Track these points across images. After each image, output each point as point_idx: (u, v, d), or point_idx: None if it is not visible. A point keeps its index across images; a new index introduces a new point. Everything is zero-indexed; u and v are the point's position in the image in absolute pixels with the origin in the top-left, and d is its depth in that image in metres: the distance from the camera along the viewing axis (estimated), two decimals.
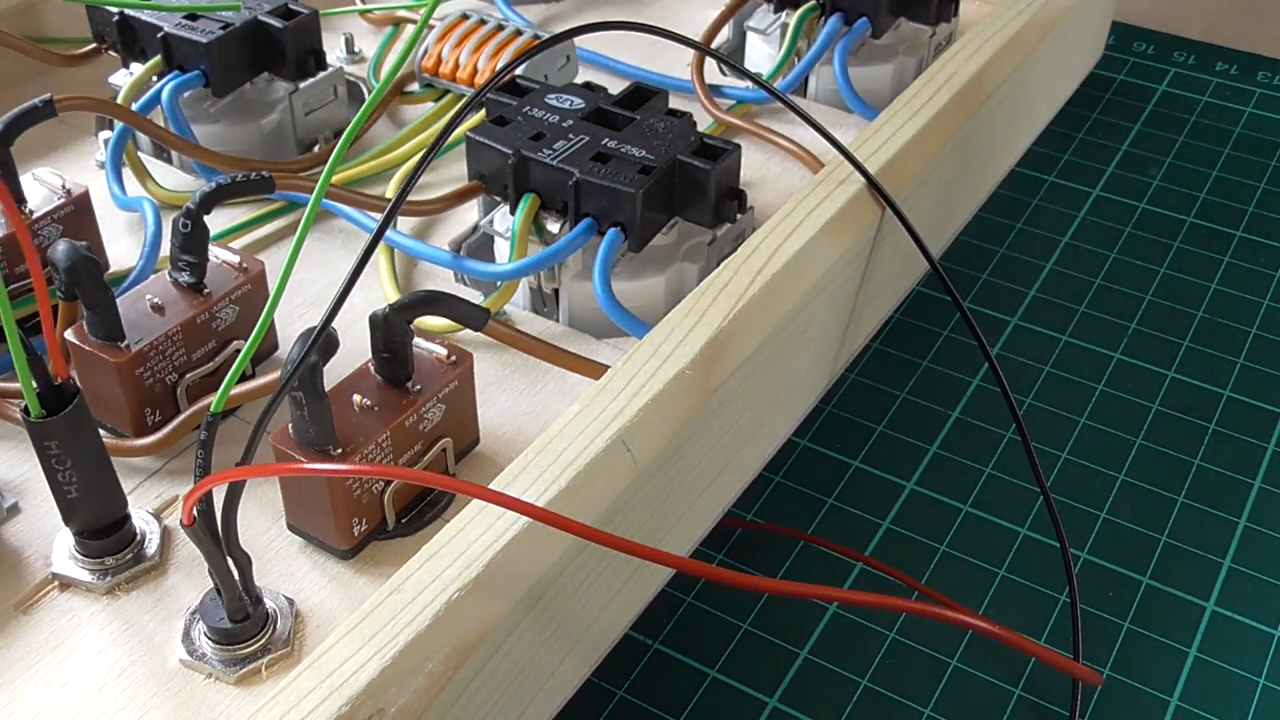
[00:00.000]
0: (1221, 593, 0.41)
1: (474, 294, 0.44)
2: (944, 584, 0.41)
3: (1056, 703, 0.38)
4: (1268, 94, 0.67)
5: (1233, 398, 0.48)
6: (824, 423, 0.47)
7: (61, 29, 0.54)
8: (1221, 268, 0.55)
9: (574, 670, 0.33)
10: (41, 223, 0.40)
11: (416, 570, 0.28)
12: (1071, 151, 0.62)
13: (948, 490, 0.45)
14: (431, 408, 0.34)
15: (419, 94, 0.52)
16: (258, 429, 0.28)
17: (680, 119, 0.44)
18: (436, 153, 0.43)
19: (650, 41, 0.57)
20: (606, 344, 0.41)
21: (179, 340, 0.37)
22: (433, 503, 0.35)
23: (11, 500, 0.35)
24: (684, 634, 0.40)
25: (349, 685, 0.26)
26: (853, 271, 0.41)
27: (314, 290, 0.44)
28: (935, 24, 0.55)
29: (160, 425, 0.37)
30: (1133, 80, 0.68)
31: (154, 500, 0.35)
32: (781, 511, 0.44)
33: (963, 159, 0.48)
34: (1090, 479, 0.45)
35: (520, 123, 0.43)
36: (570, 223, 0.41)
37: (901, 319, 0.50)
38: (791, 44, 0.53)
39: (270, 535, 0.35)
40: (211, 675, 0.31)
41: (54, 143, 0.50)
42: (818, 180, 0.41)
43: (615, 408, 0.32)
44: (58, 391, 0.30)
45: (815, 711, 0.38)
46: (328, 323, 0.29)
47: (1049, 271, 0.55)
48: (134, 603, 0.33)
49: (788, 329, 0.38)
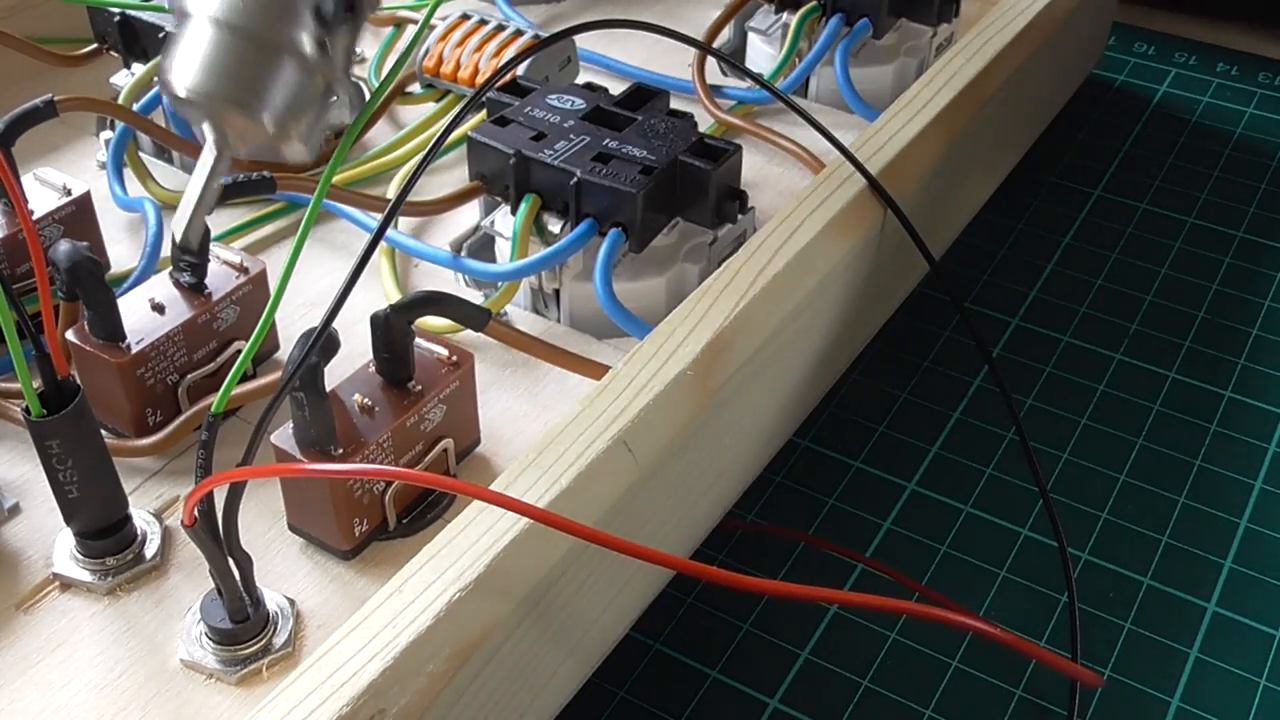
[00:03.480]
0: (1222, 594, 0.41)
1: (474, 294, 0.44)
2: (944, 584, 0.41)
3: (1057, 704, 0.38)
4: (1268, 95, 0.67)
5: (1233, 398, 0.48)
6: (824, 423, 0.47)
7: (62, 29, 0.54)
8: (1222, 268, 0.55)
9: (575, 671, 0.33)
10: (43, 223, 0.40)
11: (417, 571, 0.28)
12: (1072, 152, 0.62)
13: (948, 491, 0.45)
14: (432, 408, 0.34)
15: (420, 94, 0.52)
16: (259, 429, 0.28)
17: (681, 119, 0.44)
18: (437, 153, 0.43)
19: (651, 42, 0.57)
20: (607, 344, 0.41)
21: (180, 340, 0.37)
22: (434, 503, 0.35)
23: (12, 500, 0.35)
24: (685, 635, 0.40)
25: (350, 686, 0.26)
26: (854, 272, 0.41)
27: (315, 290, 0.44)
28: (936, 24, 0.55)
29: (161, 425, 0.37)
30: (1133, 81, 0.68)
31: (155, 501, 0.35)
32: (782, 512, 0.44)
33: (963, 159, 0.48)
34: (1090, 479, 0.45)
35: (521, 123, 0.43)
36: (571, 223, 0.41)
37: (902, 319, 0.50)
38: (793, 44, 0.53)
39: (271, 536, 0.35)
40: (212, 676, 0.31)
41: (55, 143, 0.50)
42: (819, 181, 0.41)
43: (616, 408, 0.32)
44: (59, 390, 0.30)
45: (816, 712, 0.38)
46: (328, 323, 0.29)
47: (1049, 272, 0.55)
48: (135, 603, 0.33)
49: (789, 330, 0.38)
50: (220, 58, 0.28)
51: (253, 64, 0.28)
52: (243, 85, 0.28)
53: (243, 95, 0.28)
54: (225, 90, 0.28)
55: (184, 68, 0.28)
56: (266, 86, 0.28)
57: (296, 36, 0.28)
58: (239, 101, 0.28)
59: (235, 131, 0.29)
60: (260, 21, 0.28)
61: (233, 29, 0.28)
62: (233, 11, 0.28)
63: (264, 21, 0.28)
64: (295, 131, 0.29)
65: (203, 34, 0.28)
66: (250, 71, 0.28)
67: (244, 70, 0.28)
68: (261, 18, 0.28)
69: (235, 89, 0.28)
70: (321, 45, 0.29)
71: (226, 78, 0.28)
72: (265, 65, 0.28)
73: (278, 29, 0.28)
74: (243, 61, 0.28)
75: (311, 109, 0.29)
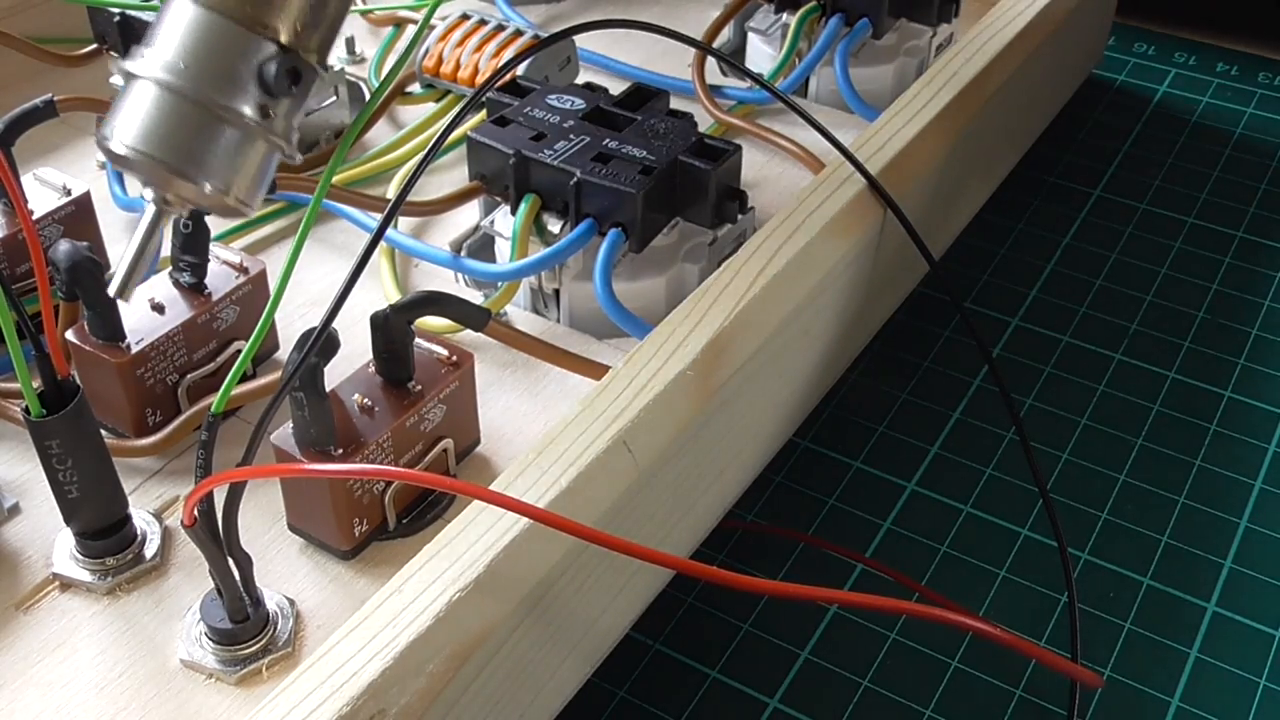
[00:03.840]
0: (1222, 594, 0.41)
1: (474, 294, 0.44)
2: (944, 584, 0.41)
3: (1057, 704, 0.38)
4: (1268, 94, 0.67)
5: (1233, 398, 0.48)
6: (825, 423, 0.47)
7: (62, 29, 0.54)
8: (1222, 268, 0.55)
9: (575, 671, 0.33)
10: (42, 223, 0.40)
11: (417, 571, 0.28)
12: (1072, 152, 0.62)
13: (948, 491, 0.45)
14: (432, 408, 0.34)
15: (419, 94, 0.52)
16: (259, 429, 0.28)
17: (681, 119, 0.44)
18: (436, 153, 0.43)
19: (651, 42, 0.57)
20: (607, 344, 0.41)
21: (180, 340, 0.37)
22: (433, 503, 0.35)
23: (12, 500, 0.35)
24: (685, 635, 0.40)
25: (350, 686, 0.26)
26: (854, 272, 0.41)
27: (315, 290, 0.44)
28: (936, 24, 0.55)
29: (161, 425, 0.37)
30: (1133, 81, 0.68)
31: (155, 500, 0.36)
32: (782, 512, 0.44)
33: (963, 159, 0.48)
34: (1090, 479, 0.45)
35: (521, 123, 0.43)
36: (571, 223, 0.41)
37: (902, 319, 0.50)
38: (792, 44, 0.53)
39: (271, 536, 0.35)
40: (212, 676, 0.31)
41: (55, 143, 0.50)
42: (819, 181, 0.41)
43: (616, 408, 0.32)
44: (58, 390, 0.30)
45: (816, 712, 0.38)
46: (328, 323, 0.29)
47: (1049, 272, 0.55)
48: (134, 603, 0.33)
49: (789, 330, 0.38)
50: (162, 121, 0.28)
51: (193, 129, 0.28)
52: (182, 151, 0.28)
53: (181, 161, 0.28)
54: (164, 155, 0.28)
55: (125, 128, 0.28)
56: (206, 152, 0.28)
57: (239, 103, 0.28)
58: (177, 168, 0.28)
59: (174, 193, 0.29)
60: (203, 87, 0.28)
61: (175, 93, 0.28)
62: (176, 76, 0.28)
63: (207, 87, 0.28)
64: (235, 195, 0.29)
65: (145, 96, 0.28)
66: (190, 137, 0.28)
67: (184, 135, 0.28)
68: (204, 83, 0.28)
69: (174, 154, 0.28)
70: (264, 111, 0.29)
71: (167, 142, 0.28)
72: (206, 131, 0.28)
73: (220, 95, 0.28)
74: (183, 126, 0.28)
75: (251, 172, 0.29)
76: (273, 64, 0.28)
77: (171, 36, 0.28)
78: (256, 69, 0.28)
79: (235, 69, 0.28)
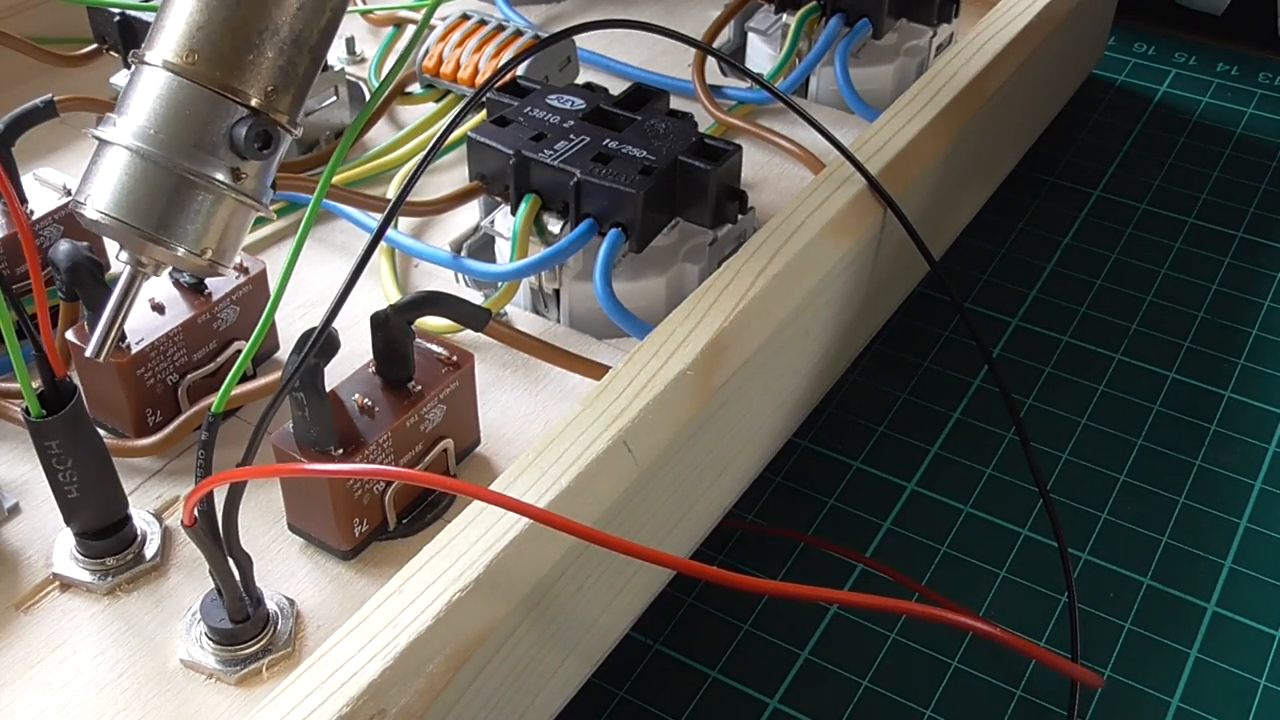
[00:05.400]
0: (1222, 594, 0.41)
1: (474, 294, 0.44)
2: (944, 584, 0.41)
3: (1057, 704, 0.38)
4: (1268, 94, 0.67)
5: (1233, 398, 0.48)
6: (824, 423, 0.47)
7: (62, 29, 0.54)
8: (1222, 268, 0.55)
9: (575, 671, 0.33)
10: (42, 223, 0.40)
11: (417, 571, 0.28)
12: (1072, 152, 0.62)
13: (948, 491, 0.45)
14: (432, 408, 0.34)
15: (420, 95, 0.52)
16: (259, 429, 0.28)
17: (681, 119, 0.44)
18: (437, 153, 0.43)
19: (651, 42, 0.57)
20: (607, 345, 0.41)
21: (180, 341, 0.37)
22: (433, 503, 0.35)
23: (12, 500, 0.35)
24: (685, 635, 0.40)
25: (350, 686, 0.26)
26: (854, 272, 0.41)
27: (314, 290, 0.44)
28: (936, 24, 0.55)
29: (161, 426, 0.37)
30: (1133, 81, 0.68)
31: (155, 501, 0.36)
32: (782, 512, 0.44)
33: (963, 160, 0.48)
34: (1090, 479, 0.45)
35: (521, 123, 0.43)
36: (571, 223, 0.41)
37: (902, 319, 0.50)
38: (792, 45, 0.53)
39: (271, 536, 0.35)
40: (212, 676, 0.31)
41: (55, 143, 0.50)
42: (819, 181, 0.41)
43: (616, 408, 0.32)
44: (57, 391, 0.30)
45: (816, 712, 0.38)
46: (328, 323, 0.29)
47: (1049, 272, 0.55)
48: (135, 603, 0.33)
49: (789, 330, 0.38)
50: (133, 188, 0.29)
51: (166, 195, 0.29)
52: (154, 217, 0.29)
53: (154, 227, 0.29)
54: (137, 221, 0.29)
55: (99, 195, 0.29)
56: (178, 217, 0.29)
57: (210, 168, 0.29)
58: (150, 234, 0.29)
59: (148, 256, 0.30)
60: (174, 153, 0.29)
61: (146, 159, 0.28)
62: (147, 142, 0.28)
63: (177, 153, 0.29)
64: (208, 256, 0.30)
65: (118, 162, 0.29)
66: (163, 202, 0.29)
67: (156, 201, 0.29)
68: (175, 149, 0.29)
69: (147, 220, 0.29)
70: (236, 174, 0.29)
71: (139, 208, 0.29)
72: (178, 196, 0.29)
73: (191, 160, 0.29)
74: (156, 192, 0.29)
75: (223, 233, 0.30)
76: (243, 127, 0.29)
77: (143, 103, 0.29)
78: (227, 133, 0.29)
79: (206, 134, 0.29)
